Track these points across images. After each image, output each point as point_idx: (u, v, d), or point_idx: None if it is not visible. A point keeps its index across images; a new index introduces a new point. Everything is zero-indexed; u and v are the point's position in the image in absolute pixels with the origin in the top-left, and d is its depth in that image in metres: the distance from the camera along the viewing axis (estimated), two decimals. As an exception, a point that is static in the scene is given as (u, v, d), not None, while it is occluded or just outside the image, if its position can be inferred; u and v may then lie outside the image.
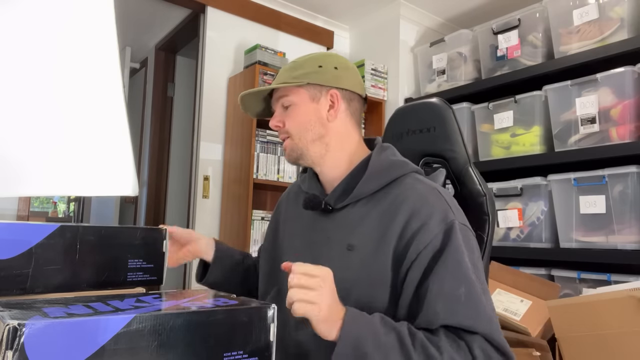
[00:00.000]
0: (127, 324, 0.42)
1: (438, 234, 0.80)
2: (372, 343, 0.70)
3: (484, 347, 0.74)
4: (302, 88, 0.95)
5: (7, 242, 0.58)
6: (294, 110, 0.96)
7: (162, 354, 0.44)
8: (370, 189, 0.88)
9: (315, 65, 0.96)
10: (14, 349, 0.36)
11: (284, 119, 0.97)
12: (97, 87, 0.80)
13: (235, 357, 0.49)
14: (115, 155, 0.79)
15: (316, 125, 0.94)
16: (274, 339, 0.52)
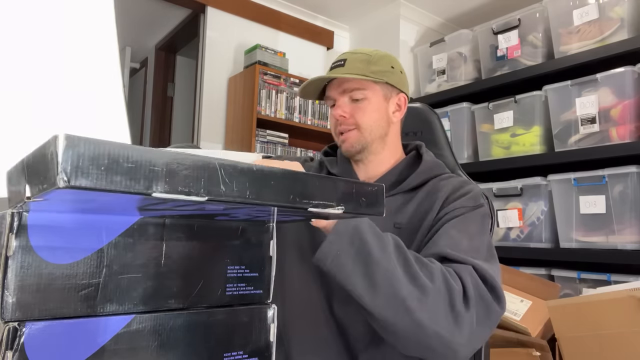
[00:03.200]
0: (127, 324, 0.42)
1: (466, 207, 0.88)
2: (372, 233, 0.72)
3: (475, 278, 0.75)
4: (378, 85, 0.97)
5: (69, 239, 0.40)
6: (368, 104, 0.96)
7: (162, 354, 0.44)
8: (417, 182, 0.94)
9: (389, 65, 0.99)
10: (14, 349, 0.36)
11: (352, 111, 0.96)
12: (97, 87, 0.80)
13: (235, 357, 0.48)
14: (115, 155, 0.79)
15: (384, 123, 0.98)
16: (274, 339, 0.52)
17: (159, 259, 0.46)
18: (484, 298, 0.75)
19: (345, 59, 0.98)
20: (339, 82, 0.97)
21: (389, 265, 0.69)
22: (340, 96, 0.97)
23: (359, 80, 0.95)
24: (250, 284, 0.52)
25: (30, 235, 0.38)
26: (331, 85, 0.99)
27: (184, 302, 0.47)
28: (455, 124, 2.39)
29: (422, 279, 0.70)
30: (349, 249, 0.69)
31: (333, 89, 0.99)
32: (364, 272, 0.69)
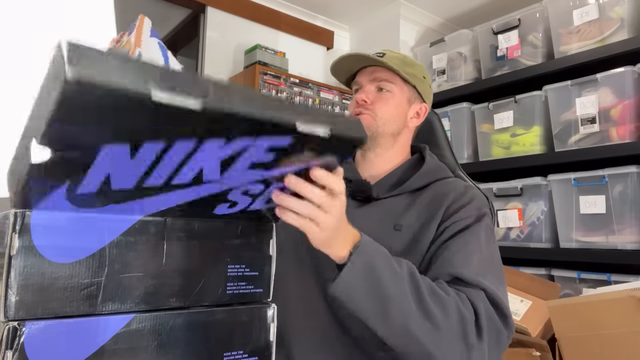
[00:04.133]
0: (126, 323, 0.42)
1: (472, 216, 0.88)
2: (387, 268, 0.70)
3: (487, 305, 0.75)
4: (407, 86, 0.99)
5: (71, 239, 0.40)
6: (391, 98, 0.98)
7: (162, 354, 0.44)
8: (419, 184, 0.95)
9: (421, 73, 1.01)
10: (14, 349, 0.36)
11: (375, 99, 0.97)
12: (97, 87, 0.80)
13: (235, 357, 0.48)
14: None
15: (400, 122, 0.99)
16: (274, 339, 0.52)
17: (159, 258, 0.46)
18: (495, 326, 0.75)
19: (384, 53, 0.99)
20: (372, 70, 0.99)
21: (403, 302, 0.68)
22: (368, 83, 0.99)
23: (392, 73, 0.97)
24: (251, 282, 0.52)
25: (33, 234, 0.38)
26: (363, 71, 1.00)
27: (185, 300, 0.47)
28: (455, 124, 2.39)
29: (435, 315, 0.69)
30: (363, 285, 0.68)
31: (364, 75, 1.00)
32: (377, 310, 0.68)
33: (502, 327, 0.76)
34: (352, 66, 1.02)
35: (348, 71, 1.04)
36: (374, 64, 0.98)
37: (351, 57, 0.99)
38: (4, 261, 0.38)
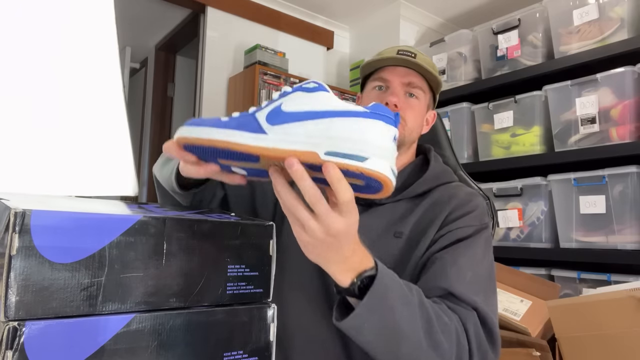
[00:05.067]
0: (127, 323, 0.42)
1: (472, 227, 0.85)
2: (401, 303, 0.64)
3: (477, 327, 0.73)
4: (429, 93, 0.96)
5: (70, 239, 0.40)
6: (418, 105, 0.94)
7: (162, 353, 0.44)
8: (422, 189, 0.91)
9: (440, 81, 0.98)
10: (14, 349, 0.36)
11: (404, 105, 0.92)
12: (97, 87, 0.80)
13: (235, 357, 0.48)
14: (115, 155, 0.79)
15: (419, 130, 0.96)
16: (274, 339, 0.52)
17: (159, 258, 0.46)
18: (482, 348, 0.73)
19: (415, 53, 0.93)
20: (406, 72, 0.93)
21: (415, 336, 0.64)
22: (400, 86, 0.93)
23: (422, 79, 0.93)
24: (251, 283, 0.52)
25: (33, 234, 0.38)
26: (395, 70, 0.93)
27: (185, 300, 0.47)
28: (455, 124, 2.39)
29: (442, 344, 0.67)
30: (375, 323, 0.62)
31: (397, 75, 0.93)
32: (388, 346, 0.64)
33: (489, 349, 0.75)
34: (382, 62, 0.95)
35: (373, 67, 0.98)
36: (418, 70, 0.93)
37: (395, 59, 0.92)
38: (4, 261, 0.38)
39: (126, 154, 0.80)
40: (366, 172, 0.49)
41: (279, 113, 0.53)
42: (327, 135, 0.50)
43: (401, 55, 0.93)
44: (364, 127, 0.51)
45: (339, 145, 0.50)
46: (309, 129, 0.51)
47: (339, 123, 0.51)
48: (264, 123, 0.52)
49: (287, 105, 0.53)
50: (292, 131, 0.51)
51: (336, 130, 0.50)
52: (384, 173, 0.50)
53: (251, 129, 0.52)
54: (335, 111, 0.51)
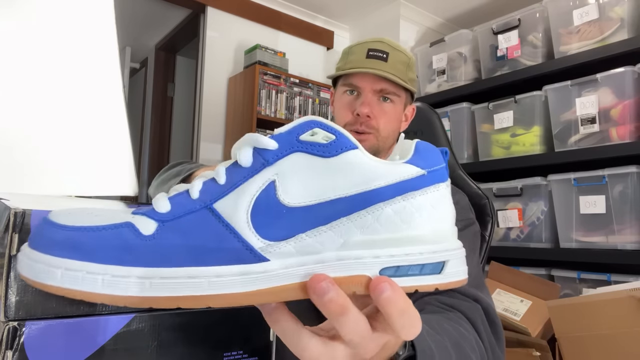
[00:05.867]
0: (127, 323, 0.42)
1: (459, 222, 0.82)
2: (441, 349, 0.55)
3: (483, 320, 0.71)
4: (403, 94, 0.91)
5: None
6: (393, 110, 0.89)
7: (162, 353, 0.44)
8: None
9: (415, 74, 0.93)
10: (14, 349, 0.36)
11: (377, 112, 0.87)
12: (97, 87, 0.80)
13: (235, 357, 0.48)
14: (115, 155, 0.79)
15: (397, 133, 0.92)
16: (273, 339, 0.52)
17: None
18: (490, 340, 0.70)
19: (388, 52, 0.88)
20: (378, 79, 0.87)
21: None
22: (372, 92, 0.89)
23: (397, 85, 0.88)
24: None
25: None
26: (366, 76, 0.88)
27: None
28: (455, 124, 2.39)
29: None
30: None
31: (367, 82, 0.88)
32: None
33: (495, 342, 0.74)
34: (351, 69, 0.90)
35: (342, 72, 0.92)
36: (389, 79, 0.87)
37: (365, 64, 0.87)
38: (4, 261, 0.38)
39: (126, 154, 0.80)
40: (444, 286, 0.31)
41: (277, 209, 0.29)
42: (376, 241, 0.30)
43: (371, 58, 0.88)
44: (434, 208, 0.31)
45: (399, 254, 0.30)
46: (344, 234, 0.29)
47: (390, 211, 0.30)
48: (253, 236, 0.29)
49: (288, 189, 0.29)
50: (314, 244, 0.29)
51: (392, 227, 0.30)
52: (463, 278, 0.33)
53: (226, 258, 0.29)
54: (382, 188, 0.30)
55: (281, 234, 0.29)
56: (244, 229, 0.29)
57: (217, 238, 0.29)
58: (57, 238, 0.29)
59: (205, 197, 0.30)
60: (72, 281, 0.28)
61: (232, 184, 0.30)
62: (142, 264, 0.28)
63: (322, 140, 0.30)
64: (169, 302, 0.28)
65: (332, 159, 0.30)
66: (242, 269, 0.29)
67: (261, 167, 0.30)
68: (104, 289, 0.28)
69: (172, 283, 0.28)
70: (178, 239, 0.29)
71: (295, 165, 0.30)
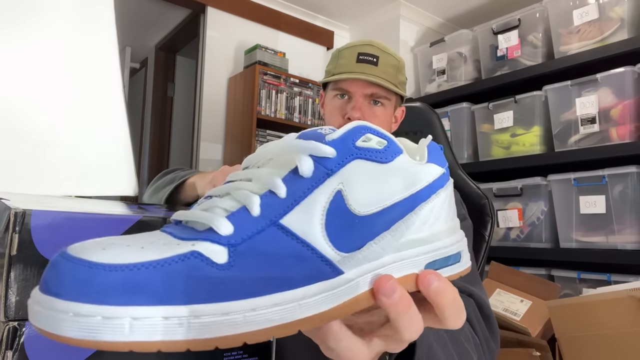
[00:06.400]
0: (127, 324, 0.42)
1: None
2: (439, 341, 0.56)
3: (477, 315, 0.71)
4: (393, 97, 0.91)
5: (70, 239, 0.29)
6: (383, 113, 0.90)
7: (162, 353, 0.44)
8: None
9: (405, 75, 0.94)
10: (14, 349, 0.36)
11: (368, 116, 0.88)
12: (97, 87, 0.80)
13: (235, 357, 0.48)
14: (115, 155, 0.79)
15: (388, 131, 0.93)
16: (274, 339, 0.52)
17: None
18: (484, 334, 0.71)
19: (378, 56, 0.88)
20: (368, 83, 0.88)
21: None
22: (363, 97, 0.89)
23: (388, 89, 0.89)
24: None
25: (33, 234, 0.38)
26: (356, 81, 0.88)
27: None
28: (455, 124, 2.39)
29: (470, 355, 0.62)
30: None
31: (358, 87, 0.89)
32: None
33: (489, 336, 0.74)
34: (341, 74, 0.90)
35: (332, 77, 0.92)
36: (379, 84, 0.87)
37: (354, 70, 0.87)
38: (4, 261, 0.38)
39: (126, 154, 0.80)
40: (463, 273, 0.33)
41: (349, 219, 0.28)
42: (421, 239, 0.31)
43: (362, 62, 0.88)
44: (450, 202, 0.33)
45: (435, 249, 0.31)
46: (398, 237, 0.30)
47: (427, 210, 0.31)
48: (330, 250, 0.27)
49: (356, 198, 0.29)
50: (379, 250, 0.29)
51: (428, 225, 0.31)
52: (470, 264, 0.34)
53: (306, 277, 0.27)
54: (423, 189, 0.31)
55: (355, 244, 0.28)
56: (321, 243, 0.27)
57: (294, 257, 0.27)
58: (109, 282, 0.23)
59: (269, 212, 0.27)
60: (147, 332, 0.23)
61: (296, 197, 0.28)
62: (227, 298, 0.25)
63: (377, 146, 0.30)
64: (262, 335, 0.25)
65: (388, 164, 0.30)
66: (324, 286, 0.27)
67: (325, 176, 0.28)
68: (189, 334, 0.24)
69: (265, 314, 0.25)
70: (257, 264, 0.26)
71: (357, 172, 0.29)
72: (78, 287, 0.23)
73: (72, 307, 0.22)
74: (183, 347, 0.24)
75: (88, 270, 0.23)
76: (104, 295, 0.23)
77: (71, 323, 0.22)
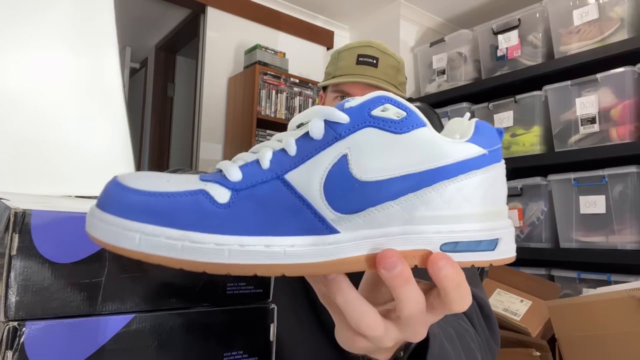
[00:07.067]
0: (127, 323, 0.42)
1: None
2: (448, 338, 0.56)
3: (477, 315, 0.71)
4: None
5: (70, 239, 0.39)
6: None
7: (162, 353, 0.44)
8: None
9: (405, 75, 0.93)
10: (14, 349, 0.36)
11: None
12: (97, 87, 0.80)
13: (235, 357, 0.48)
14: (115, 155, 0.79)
15: None
16: (274, 339, 0.52)
17: None
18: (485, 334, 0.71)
19: (378, 57, 0.87)
20: (369, 85, 0.87)
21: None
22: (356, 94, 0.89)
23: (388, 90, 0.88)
24: (251, 283, 0.51)
25: (33, 234, 0.38)
26: (356, 83, 0.88)
27: (185, 300, 0.47)
28: (455, 124, 2.39)
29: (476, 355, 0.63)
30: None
31: (358, 89, 0.88)
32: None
33: (490, 337, 0.74)
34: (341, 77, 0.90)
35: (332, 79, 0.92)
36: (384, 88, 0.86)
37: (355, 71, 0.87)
38: (4, 261, 0.38)
39: (126, 154, 0.80)
40: (497, 262, 0.32)
41: (350, 183, 0.29)
42: (438, 217, 0.30)
43: (362, 64, 0.88)
44: (491, 186, 0.31)
45: (459, 230, 0.30)
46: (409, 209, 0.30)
47: (453, 189, 0.30)
48: (325, 208, 0.29)
49: (360, 164, 0.29)
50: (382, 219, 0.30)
51: (454, 204, 0.30)
52: (512, 256, 0.32)
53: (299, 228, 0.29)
54: (447, 166, 0.30)
55: (352, 207, 0.29)
56: (317, 201, 0.29)
57: (290, 209, 0.29)
58: (132, 202, 0.29)
59: (276, 167, 0.30)
60: (150, 246, 0.28)
61: (303, 156, 0.30)
62: (219, 231, 0.28)
63: (394, 117, 0.30)
64: (246, 270, 0.29)
65: (403, 135, 0.30)
66: (314, 240, 0.29)
67: (333, 140, 0.30)
68: (184, 254, 0.28)
69: (249, 251, 0.29)
70: (253, 208, 0.29)
71: (367, 139, 0.30)
72: (109, 201, 0.29)
73: (103, 215, 0.29)
74: (177, 265, 0.28)
75: (120, 191, 0.29)
76: (124, 211, 0.28)
77: (101, 228, 0.29)
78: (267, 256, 0.29)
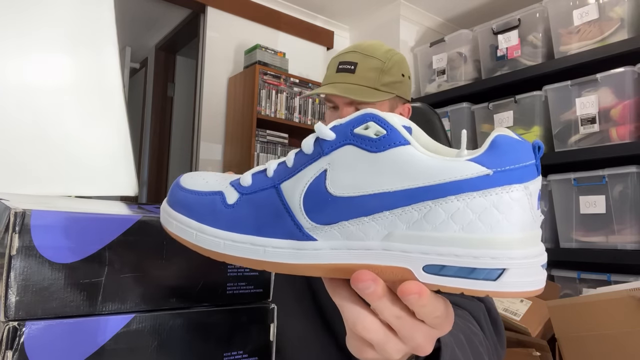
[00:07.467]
0: (127, 323, 0.42)
1: None
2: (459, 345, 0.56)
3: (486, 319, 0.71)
4: (387, 95, 0.89)
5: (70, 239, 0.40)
6: None
7: (162, 353, 0.44)
8: None
9: (400, 72, 0.92)
10: (14, 349, 0.36)
11: None
12: (97, 87, 0.80)
13: (235, 357, 0.48)
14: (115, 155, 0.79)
15: None
16: (273, 339, 0.52)
17: (159, 258, 0.45)
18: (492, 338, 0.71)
19: (356, 62, 0.88)
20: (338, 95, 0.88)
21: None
22: (347, 106, 0.90)
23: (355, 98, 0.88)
24: (251, 283, 0.51)
25: (33, 234, 0.38)
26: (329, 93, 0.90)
27: (185, 300, 0.47)
28: (455, 124, 2.39)
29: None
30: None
31: (337, 97, 0.89)
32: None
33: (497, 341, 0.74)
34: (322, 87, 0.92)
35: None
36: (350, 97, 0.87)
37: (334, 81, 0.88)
38: (4, 261, 0.38)
39: (126, 154, 0.80)
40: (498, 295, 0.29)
41: (324, 197, 0.31)
42: (422, 237, 0.29)
43: (341, 72, 0.88)
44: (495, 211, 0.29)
45: (447, 254, 0.29)
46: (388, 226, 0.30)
47: (440, 210, 0.29)
48: (302, 217, 0.32)
49: (336, 180, 0.31)
50: (357, 232, 0.31)
51: (441, 226, 0.29)
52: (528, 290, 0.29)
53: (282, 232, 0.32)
54: (432, 186, 0.29)
55: (326, 219, 0.32)
56: (297, 210, 0.32)
57: (276, 214, 0.33)
58: (178, 197, 0.37)
59: (276, 177, 0.34)
60: (179, 231, 0.36)
61: (295, 168, 0.33)
62: (221, 227, 0.34)
63: (373, 135, 0.30)
64: (235, 261, 0.34)
65: (379, 154, 0.30)
66: (293, 244, 0.33)
67: (318, 155, 0.32)
68: (197, 241, 0.35)
69: (238, 246, 0.34)
70: (250, 210, 0.34)
71: (344, 157, 0.31)
72: (170, 196, 0.38)
73: (164, 206, 0.38)
74: (192, 248, 0.36)
75: (176, 188, 0.37)
76: (172, 204, 0.37)
77: (162, 215, 0.38)
78: (250, 252, 0.33)
